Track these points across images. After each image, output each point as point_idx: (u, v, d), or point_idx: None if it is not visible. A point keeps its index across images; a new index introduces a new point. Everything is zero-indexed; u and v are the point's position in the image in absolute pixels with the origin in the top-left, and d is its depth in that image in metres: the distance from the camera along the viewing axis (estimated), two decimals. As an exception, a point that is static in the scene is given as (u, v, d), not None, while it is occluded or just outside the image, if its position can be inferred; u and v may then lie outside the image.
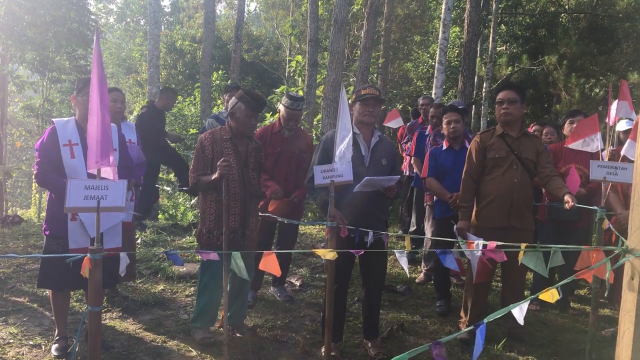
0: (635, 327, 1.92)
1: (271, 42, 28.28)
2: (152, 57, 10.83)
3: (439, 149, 5.17)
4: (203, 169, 4.02)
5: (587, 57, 13.81)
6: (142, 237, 7.22)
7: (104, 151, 2.45)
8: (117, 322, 4.49)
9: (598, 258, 2.28)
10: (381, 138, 4.16)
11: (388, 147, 4.21)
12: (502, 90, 4.41)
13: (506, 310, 1.92)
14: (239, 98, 4.05)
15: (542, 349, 4.37)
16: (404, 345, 4.36)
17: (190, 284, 5.54)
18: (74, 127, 3.77)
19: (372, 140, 4.10)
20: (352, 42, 16.89)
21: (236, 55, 14.84)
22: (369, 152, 4.07)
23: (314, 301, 5.28)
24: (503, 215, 4.27)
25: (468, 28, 12.03)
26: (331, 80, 10.51)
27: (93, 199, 2.43)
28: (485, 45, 16.29)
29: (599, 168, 3.73)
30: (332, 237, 3.45)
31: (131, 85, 26.01)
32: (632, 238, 1.95)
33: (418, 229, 6.64)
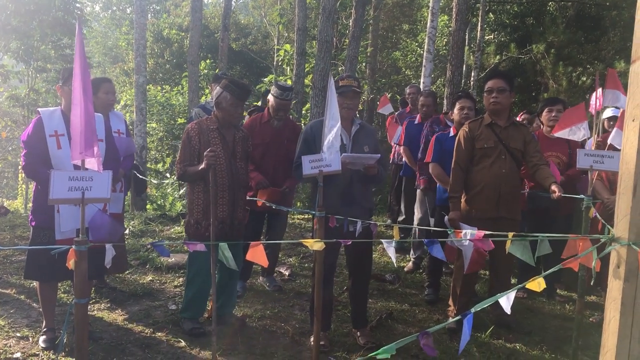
0: (621, 315, 1.93)
1: (259, 30, 28.12)
2: (139, 46, 10.70)
3: (446, 134, 5.14)
4: (190, 160, 4.00)
5: (574, 45, 13.84)
6: (130, 228, 7.18)
7: (88, 142, 2.42)
8: (106, 314, 4.48)
9: (584, 247, 2.29)
10: (361, 126, 4.16)
11: (369, 133, 4.21)
12: (491, 78, 4.39)
13: (493, 300, 1.93)
14: (224, 87, 4.03)
15: (529, 336, 4.41)
16: (392, 333, 4.38)
17: (179, 274, 5.53)
18: (60, 117, 3.73)
19: (353, 128, 4.10)
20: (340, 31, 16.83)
21: (224, 44, 14.74)
22: (350, 140, 4.06)
23: (303, 291, 5.29)
24: (491, 206, 4.29)
25: (456, 17, 12.00)
26: (320, 69, 10.48)
27: (77, 190, 2.40)
28: (473, 33, 16.29)
29: (586, 156, 3.74)
30: (321, 227, 3.45)
31: (118, 74, 25.79)
32: (618, 227, 1.96)
33: (407, 217, 6.67)
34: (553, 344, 4.28)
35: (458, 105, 5.03)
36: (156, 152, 17.33)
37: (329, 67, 10.97)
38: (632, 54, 1.93)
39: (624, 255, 1.92)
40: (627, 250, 1.91)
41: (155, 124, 17.22)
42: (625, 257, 1.92)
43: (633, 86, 1.92)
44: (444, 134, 5.17)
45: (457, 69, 12.25)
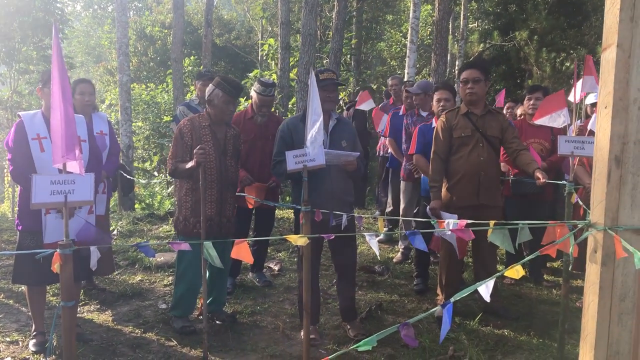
0: (600, 298, 1.98)
1: (242, 25, 27.97)
2: (121, 44, 10.64)
3: (428, 125, 5.18)
4: (182, 156, 4.02)
5: (557, 31, 13.90)
6: (118, 228, 7.17)
7: (69, 145, 2.42)
8: (95, 315, 4.48)
9: (562, 233, 2.33)
10: (339, 120, 4.18)
11: (347, 128, 4.24)
12: (466, 69, 4.45)
13: (473, 288, 1.96)
14: (216, 85, 4.04)
15: (517, 321, 4.46)
16: (382, 324, 4.41)
17: (168, 273, 5.53)
18: (42, 120, 3.72)
19: (330, 123, 4.11)
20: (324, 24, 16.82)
21: (207, 40, 14.65)
22: (327, 135, 4.08)
23: (292, 285, 5.31)
24: (472, 194, 4.33)
25: (439, 6, 12.02)
26: (304, 63, 10.48)
27: (60, 194, 2.40)
28: (457, 22, 16.34)
29: (567, 143, 3.79)
30: (307, 221, 3.46)
31: (102, 74, 25.56)
32: (594, 212, 2.00)
33: (395, 209, 6.70)
34: (540, 329, 4.34)
35: (436, 96, 5.07)
36: (143, 150, 17.25)
37: (314, 60, 10.97)
38: (602, 42, 1.96)
39: (600, 240, 1.96)
40: (603, 235, 1.95)
41: (141, 123, 17.12)
42: (601, 242, 1.96)
43: (605, 74, 1.95)
44: (426, 125, 5.21)
45: (441, 58, 12.29)
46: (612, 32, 1.91)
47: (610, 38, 1.92)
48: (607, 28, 1.94)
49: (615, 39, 1.89)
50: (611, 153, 1.93)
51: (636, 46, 1.89)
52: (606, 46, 1.94)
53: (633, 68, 1.89)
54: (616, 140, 1.92)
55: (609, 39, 1.93)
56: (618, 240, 1.86)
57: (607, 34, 1.94)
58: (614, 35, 1.90)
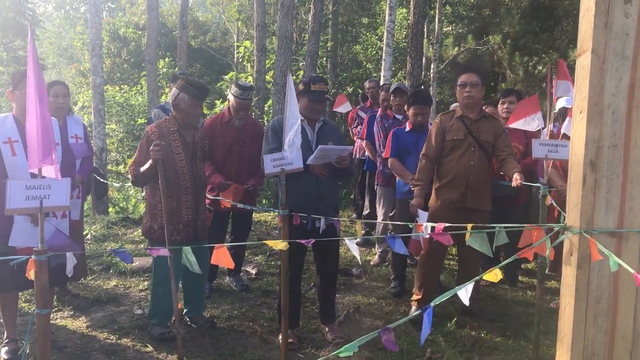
0: (576, 300, 2.01)
1: (218, 27, 27.84)
2: (95, 46, 10.48)
3: (402, 129, 5.22)
4: (144, 162, 3.91)
5: (529, 35, 14.13)
6: (92, 232, 7.06)
7: (46, 149, 2.37)
8: (69, 321, 4.40)
9: (539, 236, 2.36)
10: (325, 122, 4.20)
11: (332, 129, 4.26)
12: (464, 72, 4.46)
13: (452, 293, 1.97)
14: (181, 88, 3.98)
15: (493, 323, 4.51)
16: (360, 327, 4.43)
17: (143, 278, 5.46)
18: (13, 123, 3.64)
19: (317, 125, 4.13)
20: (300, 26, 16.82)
21: (182, 42, 14.53)
22: (314, 136, 4.09)
23: (270, 289, 5.29)
24: (459, 197, 4.35)
25: (414, 9, 12.11)
26: (280, 65, 10.45)
27: (35, 199, 2.35)
28: (431, 26, 16.46)
29: (541, 146, 3.84)
30: (285, 225, 3.45)
31: (74, 75, 25.19)
32: (570, 216, 2.03)
33: (371, 212, 6.72)
34: (516, 330, 4.39)
35: (412, 110, 5.10)
36: (117, 153, 17.03)
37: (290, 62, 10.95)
38: (577, 48, 2.00)
39: (576, 243, 1.99)
40: (578, 238, 1.98)
41: (115, 125, 16.91)
42: (577, 245, 1.99)
43: (580, 79, 1.99)
44: (400, 129, 5.26)
45: (416, 61, 12.38)
46: (586, 38, 1.94)
47: (585, 44, 1.95)
48: (582, 34, 1.97)
49: (590, 45, 1.93)
50: (586, 157, 1.96)
51: (610, 52, 1.93)
52: (581, 52, 1.97)
53: (607, 73, 1.93)
54: (591, 145, 1.96)
55: (584, 45, 1.96)
56: (594, 243, 1.90)
57: (582, 40, 1.97)
58: (589, 41, 1.93)
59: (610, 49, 1.92)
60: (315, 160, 3.82)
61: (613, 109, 1.95)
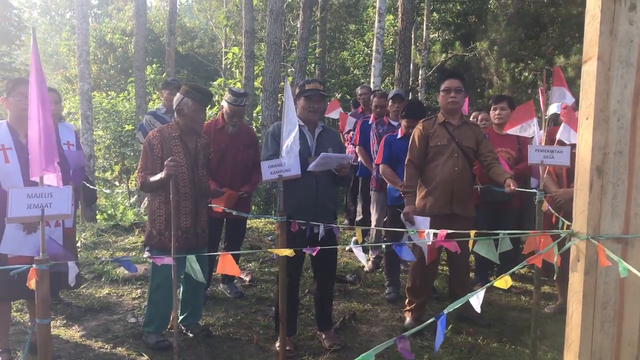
0: (583, 307, 2.01)
1: (205, 33, 27.78)
2: (82, 52, 10.40)
3: (394, 136, 5.23)
4: (152, 169, 3.90)
5: (515, 42, 14.27)
6: (82, 240, 6.98)
7: (48, 157, 2.33)
8: (62, 331, 4.33)
9: (545, 242, 2.37)
10: (325, 128, 4.21)
11: (332, 135, 4.28)
12: (448, 78, 4.45)
13: (465, 300, 1.97)
14: (185, 93, 3.96)
15: (489, 328, 4.52)
16: (357, 334, 4.41)
17: (136, 286, 5.40)
18: (7, 130, 3.59)
19: (317, 131, 4.13)
20: (288, 33, 16.83)
21: (170, 48, 14.48)
22: (314, 142, 4.09)
23: (264, 296, 5.26)
24: (445, 203, 4.36)
25: (402, 16, 12.17)
26: (269, 72, 10.44)
27: (37, 208, 2.31)
28: (419, 32, 16.56)
29: (536, 152, 3.86)
30: (283, 232, 3.44)
31: (60, 81, 24.96)
32: (576, 222, 2.03)
33: (364, 217, 6.72)
34: (512, 335, 4.40)
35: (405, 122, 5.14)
36: (104, 160, 16.85)
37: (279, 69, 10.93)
38: (583, 55, 2.01)
39: (583, 250, 2.00)
40: (586, 244, 1.98)
41: (102, 132, 16.74)
42: (584, 251, 1.99)
43: (586, 86, 1.99)
44: (392, 135, 5.27)
45: (404, 67, 12.44)
46: (592, 45, 1.95)
47: (590, 51, 1.96)
48: (587, 41, 1.98)
49: (595, 52, 1.94)
50: (593, 163, 1.96)
51: (615, 59, 1.94)
52: (587, 59, 1.98)
53: (613, 80, 1.94)
54: (597, 151, 1.96)
55: (590, 52, 1.97)
56: (602, 249, 1.90)
57: (587, 47, 1.98)
58: (595, 48, 1.94)
59: (615, 55, 1.93)
60: (316, 167, 3.83)
61: (618, 115, 1.96)
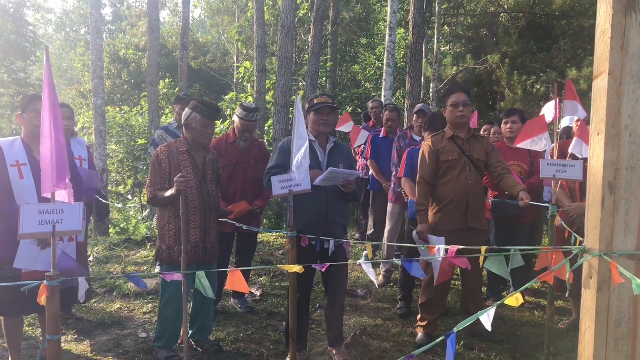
0: (596, 324, 1.98)
1: (218, 48, 28.02)
2: (96, 68, 10.52)
3: (417, 149, 5.20)
4: (160, 184, 3.92)
5: (527, 55, 14.23)
6: (95, 254, 7.01)
7: (60, 174, 2.35)
8: (73, 346, 4.34)
9: (557, 258, 2.34)
10: (337, 144, 4.18)
11: (344, 151, 4.24)
12: (455, 92, 4.42)
13: (474, 318, 1.95)
14: (193, 108, 3.99)
15: (502, 344, 4.47)
16: (368, 350, 4.37)
17: (147, 300, 5.40)
18: (21, 146, 3.63)
19: (328, 146, 4.11)
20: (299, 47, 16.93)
21: (183, 63, 14.61)
22: (325, 157, 4.07)
23: (275, 310, 5.24)
24: (460, 218, 4.33)
25: (413, 30, 12.19)
26: (281, 86, 10.49)
27: (48, 224, 2.33)
28: (430, 45, 16.59)
29: (549, 166, 3.83)
30: (293, 247, 3.43)
31: (74, 96, 25.24)
32: (589, 238, 2.01)
33: (376, 231, 6.69)
34: (525, 352, 4.35)
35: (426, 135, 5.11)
36: (117, 174, 17.00)
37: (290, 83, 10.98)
38: (594, 70, 2.00)
39: (595, 266, 1.97)
40: (598, 260, 1.96)
41: (115, 146, 16.90)
42: (597, 268, 1.97)
43: (597, 101, 1.98)
44: (415, 149, 5.24)
45: (415, 81, 12.44)
46: (603, 60, 1.95)
47: (601, 66, 1.96)
48: (598, 56, 1.97)
49: (606, 67, 1.93)
50: (605, 179, 1.95)
51: (627, 74, 1.93)
52: (598, 74, 1.97)
53: (624, 95, 1.93)
54: (609, 167, 1.95)
55: (601, 67, 1.96)
56: (615, 266, 1.88)
57: (598, 62, 1.97)
58: (606, 63, 1.93)
59: (627, 70, 1.92)
60: (323, 182, 3.80)
61: (630, 130, 1.94)
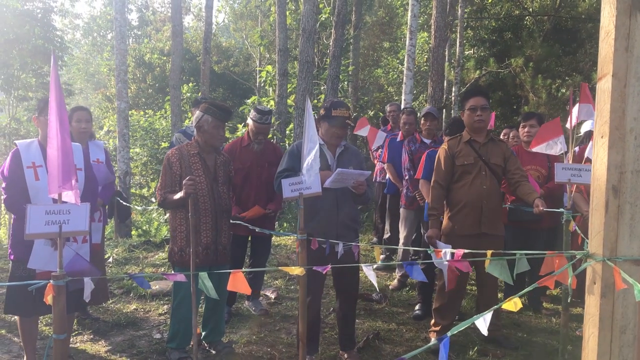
0: (600, 331, 1.94)
1: (241, 52, 28.23)
2: (120, 72, 10.69)
3: (436, 151, 5.17)
4: (171, 186, 3.97)
5: (552, 58, 14.04)
6: (114, 256, 7.11)
7: (66, 175, 2.39)
8: (89, 345, 4.40)
9: (561, 263, 2.30)
10: (346, 147, 4.16)
11: (354, 154, 4.20)
12: (473, 96, 4.36)
13: (469, 323, 1.92)
14: (204, 110, 4.03)
15: (516, 351, 4.40)
16: (380, 354, 4.35)
17: (163, 302, 5.46)
18: (38, 148, 3.70)
19: (337, 149, 4.10)
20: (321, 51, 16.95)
21: (205, 67, 14.76)
22: (334, 160, 4.06)
23: (289, 313, 5.25)
24: (474, 223, 4.28)
25: (435, 33, 12.14)
26: (302, 89, 10.54)
27: (55, 224, 2.37)
28: (453, 49, 16.47)
29: (564, 170, 3.78)
30: (303, 250, 3.43)
31: (100, 100, 25.72)
32: (592, 243, 1.97)
33: (392, 235, 6.67)
34: (540, 358, 4.27)
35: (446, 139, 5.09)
36: (140, 177, 17.23)
37: (311, 87, 11.03)
38: (597, 72, 1.96)
39: (599, 272, 1.93)
40: (602, 266, 1.92)
41: (139, 149, 17.14)
42: (600, 273, 1.93)
43: (601, 103, 1.95)
44: (434, 150, 5.19)
45: (437, 84, 12.38)
46: (607, 62, 1.91)
47: (605, 68, 1.92)
48: (602, 58, 1.94)
49: (610, 69, 1.89)
50: (609, 183, 1.91)
51: (631, 75, 1.89)
52: (601, 76, 1.94)
53: (629, 97, 1.89)
54: (613, 170, 1.91)
55: (604, 69, 1.92)
56: (617, 271, 1.84)
57: (602, 64, 1.94)
58: (609, 65, 1.89)
59: (631, 72, 1.88)
60: (332, 183, 3.78)
61: (635, 133, 1.90)
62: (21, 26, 13.85)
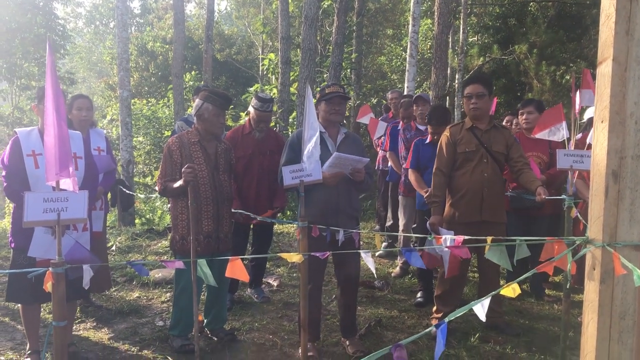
0: (599, 316, 1.93)
1: (243, 40, 28.14)
2: (122, 60, 10.66)
3: (423, 140, 5.16)
4: (171, 175, 3.96)
5: (556, 44, 13.94)
6: (117, 244, 7.13)
7: (63, 162, 2.39)
8: (92, 333, 4.43)
9: (560, 249, 2.29)
10: (347, 135, 4.14)
11: (355, 142, 4.18)
12: (469, 84, 4.38)
13: (467, 308, 1.91)
14: (204, 99, 4.02)
15: (518, 337, 4.40)
16: (382, 341, 4.36)
17: (166, 289, 5.48)
18: (38, 136, 3.70)
19: (339, 137, 4.08)
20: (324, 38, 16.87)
21: (208, 55, 14.71)
22: (335, 148, 4.04)
23: (291, 301, 5.26)
24: (475, 210, 4.27)
25: (438, 20, 12.03)
26: (304, 77, 10.50)
27: (53, 212, 2.37)
28: (456, 36, 16.36)
29: (566, 157, 3.75)
30: (303, 237, 3.43)
31: (103, 89, 25.68)
32: (592, 228, 1.96)
33: (394, 223, 6.66)
34: (542, 345, 4.28)
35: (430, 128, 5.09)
36: (144, 165, 17.25)
37: (314, 74, 10.98)
38: (598, 56, 1.94)
39: (598, 257, 1.92)
40: (601, 251, 1.91)
41: (142, 138, 17.14)
42: (600, 259, 1.92)
43: (601, 88, 1.93)
44: (421, 139, 5.20)
45: (441, 72, 12.29)
46: (607, 45, 1.89)
47: (605, 52, 1.90)
48: (602, 42, 1.92)
49: (611, 53, 1.87)
50: (608, 168, 1.89)
51: (632, 59, 1.87)
52: (602, 60, 1.92)
53: (629, 82, 1.87)
54: (613, 155, 1.89)
55: (605, 53, 1.90)
56: (617, 257, 1.83)
57: (602, 48, 1.92)
58: (610, 48, 1.87)
59: (632, 56, 1.86)
60: (330, 168, 3.75)
61: (636, 118, 1.88)
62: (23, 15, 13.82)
